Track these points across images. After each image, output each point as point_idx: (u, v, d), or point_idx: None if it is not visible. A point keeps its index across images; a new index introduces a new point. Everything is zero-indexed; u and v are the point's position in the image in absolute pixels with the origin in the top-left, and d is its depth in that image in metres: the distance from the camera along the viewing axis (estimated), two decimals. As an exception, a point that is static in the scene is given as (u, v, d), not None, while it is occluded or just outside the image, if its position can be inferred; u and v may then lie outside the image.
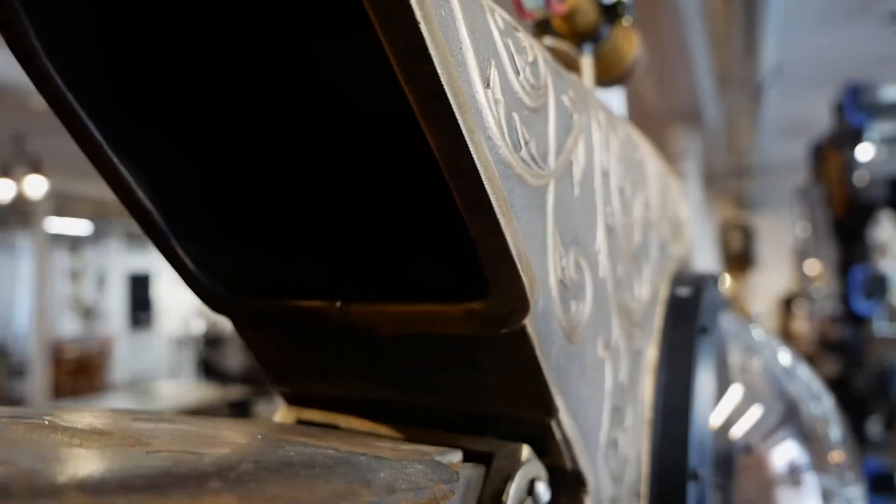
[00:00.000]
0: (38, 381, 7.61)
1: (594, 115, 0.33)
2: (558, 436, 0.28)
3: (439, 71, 0.19)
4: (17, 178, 5.41)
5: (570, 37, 0.49)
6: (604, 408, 0.34)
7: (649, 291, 0.44)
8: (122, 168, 0.26)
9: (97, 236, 11.31)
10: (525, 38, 0.26)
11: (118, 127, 0.26)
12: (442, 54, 0.19)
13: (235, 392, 6.15)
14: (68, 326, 12.38)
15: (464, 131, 0.20)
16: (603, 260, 0.33)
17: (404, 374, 0.30)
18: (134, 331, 13.29)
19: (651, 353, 0.43)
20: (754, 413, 0.52)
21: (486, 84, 0.22)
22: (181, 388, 6.50)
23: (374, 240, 0.29)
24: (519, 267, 0.23)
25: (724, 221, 7.25)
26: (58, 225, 9.30)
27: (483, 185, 0.21)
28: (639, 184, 0.42)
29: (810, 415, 0.56)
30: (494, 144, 0.22)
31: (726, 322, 0.53)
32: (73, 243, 12.01)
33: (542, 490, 0.28)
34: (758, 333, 0.64)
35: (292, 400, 0.34)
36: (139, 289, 13.29)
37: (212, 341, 11.52)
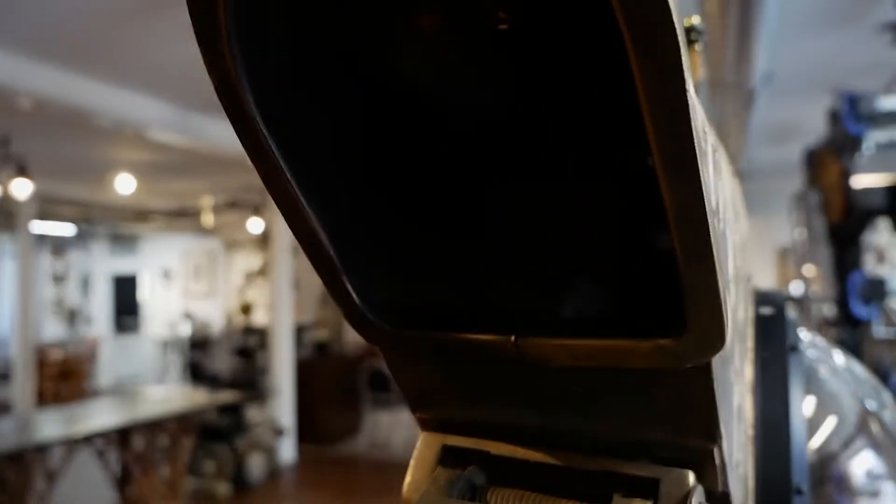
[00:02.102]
0: (21, 387, 7.51)
1: (716, 141, 0.34)
2: (717, 461, 0.29)
3: (693, 127, 0.20)
4: (1, 181, 5.34)
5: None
6: (734, 430, 0.35)
7: (744, 314, 0.45)
8: (301, 197, 0.27)
9: (81, 238, 11.18)
10: None
11: (298, 155, 0.27)
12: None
13: (225, 396, 6.10)
14: (52, 330, 12.23)
15: (703, 185, 0.21)
16: (733, 287, 0.34)
17: (563, 401, 0.30)
18: (119, 334, 13.16)
19: (748, 372, 0.45)
20: (836, 424, 0.54)
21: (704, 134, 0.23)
22: (168, 392, 6.44)
23: (540, 273, 0.30)
24: (724, 308, 0.24)
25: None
26: (42, 227, 9.18)
27: (708, 233, 0.22)
28: (738, 202, 0.43)
29: (885, 422, 0.58)
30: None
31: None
32: (57, 246, 11.86)
33: (708, 516, 0.29)
34: (818, 340, 0.65)
35: (432, 426, 0.35)
36: (124, 292, 13.17)
37: (198, 344, 11.45)
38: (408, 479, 0.34)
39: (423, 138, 0.30)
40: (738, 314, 0.42)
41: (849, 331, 2.69)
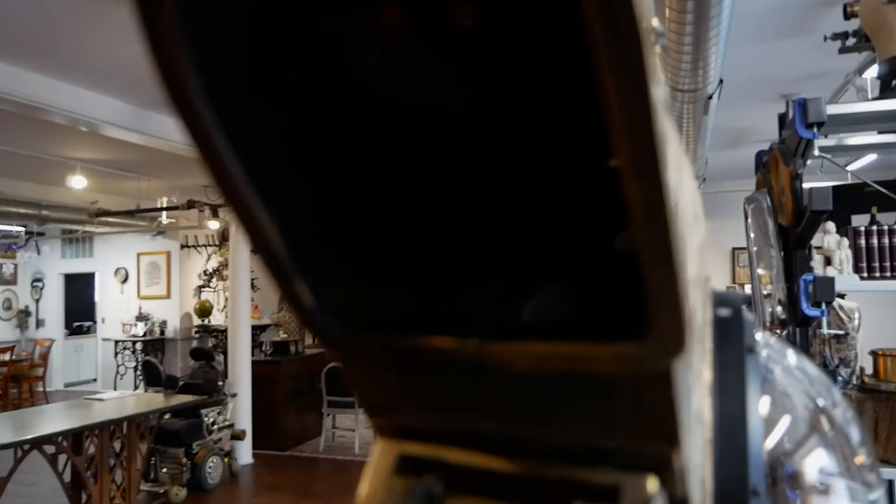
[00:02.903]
0: (-33, 391, 7.27)
1: (678, 143, 0.34)
2: (677, 466, 0.29)
3: (659, 129, 0.20)
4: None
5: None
6: (693, 433, 0.34)
7: (702, 314, 0.45)
8: (251, 195, 0.26)
9: (32, 239, 10.86)
10: None
11: (249, 151, 0.26)
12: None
13: (180, 399, 5.98)
14: (1, 333, 11.86)
15: (667, 187, 0.20)
16: (693, 289, 0.34)
17: (524, 408, 0.30)
18: (72, 336, 12.82)
19: (706, 375, 0.45)
20: (789, 424, 0.54)
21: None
22: (122, 396, 6.29)
23: (506, 278, 0.29)
24: (686, 311, 0.23)
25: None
26: (-10, 227, 8.91)
27: (672, 235, 0.21)
28: (697, 204, 0.43)
29: (836, 420, 0.59)
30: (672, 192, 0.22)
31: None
32: (7, 246, 11.50)
33: (670, 522, 0.28)
34: (772, 340, 0.66)
35: (390, 432, 0.34)
36: (78, 293, 12.84)
37: (153, 346, 11.22)
38: (363, 488, 0.33)
39: (382, 138, 0.30)
40: (696, 316, 0.42)
41: (798, 330, 2.76)
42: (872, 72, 4.37)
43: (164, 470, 6.04)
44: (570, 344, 0.26)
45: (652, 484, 0.28)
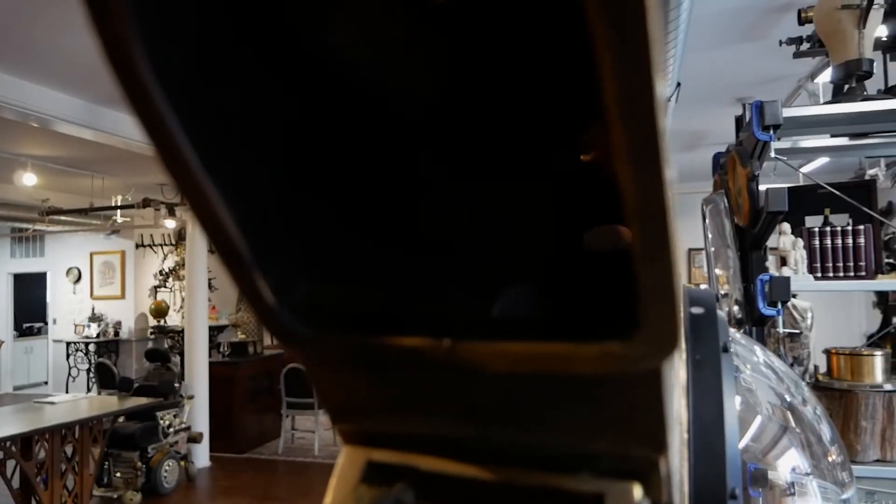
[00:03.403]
0: None
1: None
2: (663, 472, 0.28)
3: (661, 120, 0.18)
4: None
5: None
6: (674, 435, 0.33)
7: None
8: (208, 184, 0.24)
9: (-23, 237, 10.52)
10: None
11: (205, 134, 0.24)
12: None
13: (135, 401, 5.84)
14: (-56, 334, 11.46)
15: (664, 175, 0.19)
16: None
17: (500, 411, 0.28)
18: (22, 338, 12.44)
19: (682, 374, 0.44)
20: (761, 424, 0.54)
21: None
22: (74, 398, 6.11)
23: (478, 275, 0.27)
24: (678, 309, 0.22)
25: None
26: (-67, 224, 8.62)
27: (669, 229, 0.20)
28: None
29: (807, 417, 0.59)
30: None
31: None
32: (-50, 244, 11.14)
33: (656, 531, 0.27)
34: (738, 336, 0.66)
35: (356, 439, 0.32)
36: (28, 293, 12.46)
37: (107, 348, 10.96)
38: (328, 498, 0.31)
39: (351, 124, 0.28)
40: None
41: (755, 329, 2.81)
42: (824, 77, 4.49)
43: (118, 474, 5.90)
44: (551, 344, 0.24)
45: (637, 491, 0.27)
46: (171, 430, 6.32)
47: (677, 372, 0.41)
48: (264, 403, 8.11)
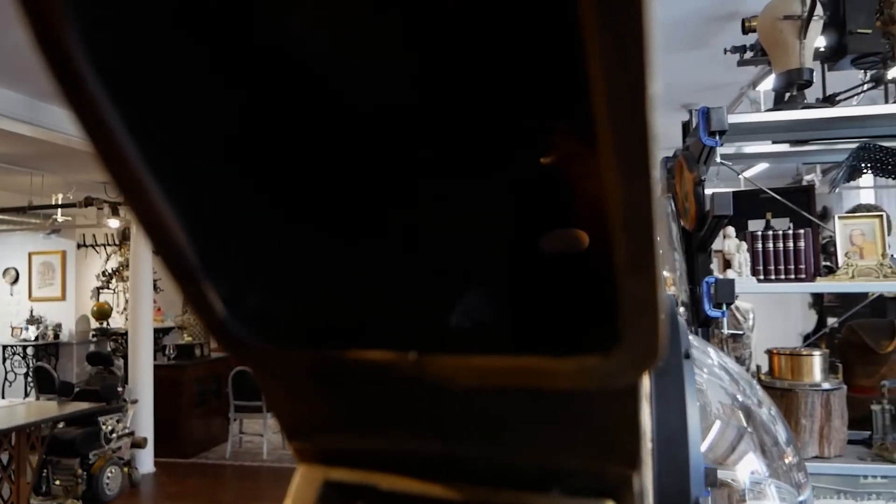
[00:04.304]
0: None
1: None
2: (636, 487, 0.27)
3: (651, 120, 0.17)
4: None
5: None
6: (646, 449, 0.32)
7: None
8: (149, 182, 0.22)
9: None
10: None
11: (146, 127, 0.21)
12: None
13: (75, 406, 5.65)
14: None
15: (652, 181, 0.18)
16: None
17: (468, 427, 0.27)
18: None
19: (646, 382, 0.43)
20: (720, 429, 0.54)
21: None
22: (10, 404, 5.88)
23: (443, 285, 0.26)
24: (661, 321, 0.21)
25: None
26: None
27: (654, 237, 0.19)
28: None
29: (763, 419, 0.59)
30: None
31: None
32: None
33: (628, 549, 0.26)
34: (696, 341, 0.66)
35: (313, 457, 0.30)
36: (-43, 294, 11.94)
37: (46, 351, 10.58)
38: (283, 521, 0.29)
39: (305, 124, 0.26)
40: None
41: (700, 330, 2.87)
42: (766, 85, 4.62)
43: (58, 482, 5.69)
44: (524, 358, 0.23)
45: (611, 510, 0.26)
46: (114, 435, 6.12)
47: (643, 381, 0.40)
48: (212, 407, 7.95)
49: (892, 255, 2.82)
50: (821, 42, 3.15)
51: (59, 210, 8.20)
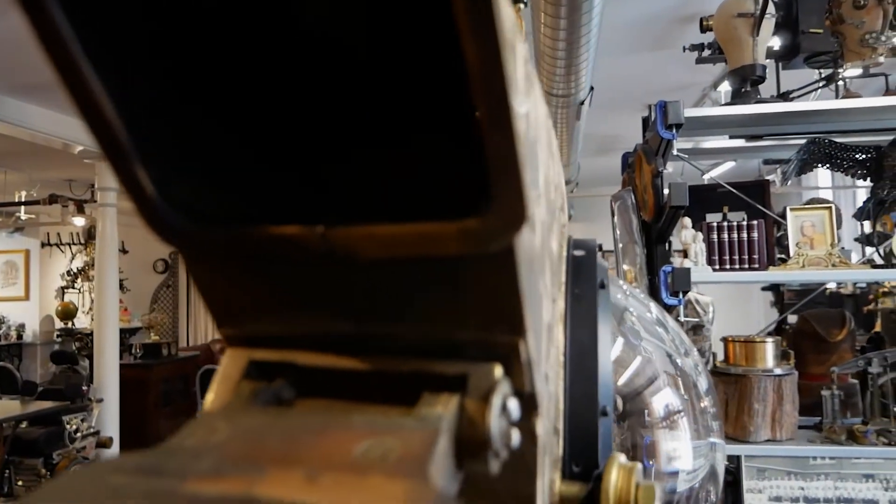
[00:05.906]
0: None
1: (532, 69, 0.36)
2: (523, 356, 0.30)
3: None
4: None
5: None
6: (542, 340, 0.36)
7: (557, 248, 0.47)
8: (88, 70, 0.25)
9: None
10: None
11: (88, 27, 0.24)
12: None
13: (39, 406, 5.56)
14: None
15: (499, 40, 0.21)
16: (541, 203, 0.36)
17: (374, 304, 0.30)
18: None
19: (560, 304, 0.47)
20: (640, 364, 0.58)
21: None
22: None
23: (351, 154, 0.29)
24: (526, 183, 0.24)
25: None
26: None
27: (510, 101, 0.22)
28: (554, 146, 0.45)
29: (687, 366, 0.63)
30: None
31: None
32: None
33: (514, 407, 0.29)
34: (636, 292, 0.70)
35: (239, 342, 0.33)
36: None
37: (9, 352, 10.36)
38: (209, 395, 0.32)
39: (237, 32, 0.28)
40: (551, 243, 0.44)
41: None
42: (726, 85, 4.74)
43: (20, 482, 5.59)
44: (417, 224, 0.26)
45: (497, 371, 0.29)
46: (79, 434, 6.04)
47: (554, 297, 0.44)
48: (179, 406, 7.87)
49: (842, 247, 2.93)
50: (775, 42, 3.25)
51: (23, 207, 8.06)
